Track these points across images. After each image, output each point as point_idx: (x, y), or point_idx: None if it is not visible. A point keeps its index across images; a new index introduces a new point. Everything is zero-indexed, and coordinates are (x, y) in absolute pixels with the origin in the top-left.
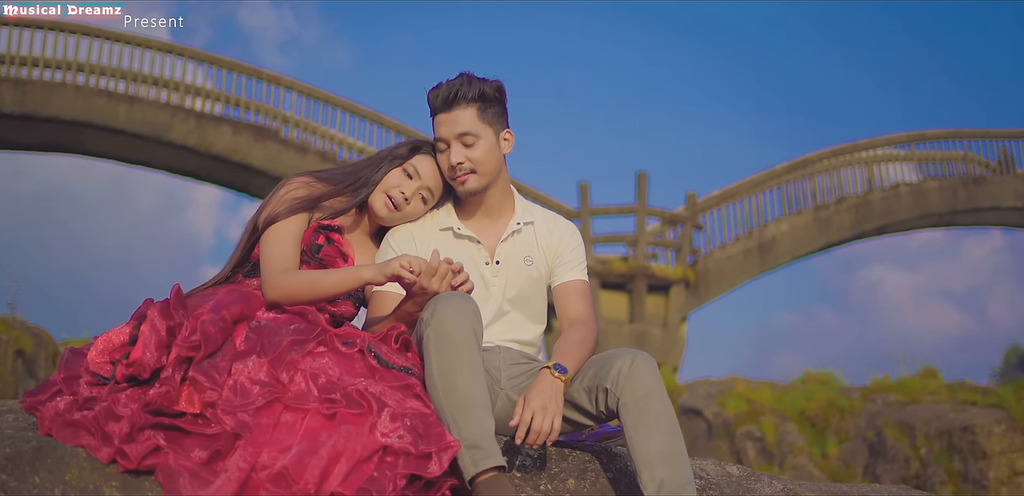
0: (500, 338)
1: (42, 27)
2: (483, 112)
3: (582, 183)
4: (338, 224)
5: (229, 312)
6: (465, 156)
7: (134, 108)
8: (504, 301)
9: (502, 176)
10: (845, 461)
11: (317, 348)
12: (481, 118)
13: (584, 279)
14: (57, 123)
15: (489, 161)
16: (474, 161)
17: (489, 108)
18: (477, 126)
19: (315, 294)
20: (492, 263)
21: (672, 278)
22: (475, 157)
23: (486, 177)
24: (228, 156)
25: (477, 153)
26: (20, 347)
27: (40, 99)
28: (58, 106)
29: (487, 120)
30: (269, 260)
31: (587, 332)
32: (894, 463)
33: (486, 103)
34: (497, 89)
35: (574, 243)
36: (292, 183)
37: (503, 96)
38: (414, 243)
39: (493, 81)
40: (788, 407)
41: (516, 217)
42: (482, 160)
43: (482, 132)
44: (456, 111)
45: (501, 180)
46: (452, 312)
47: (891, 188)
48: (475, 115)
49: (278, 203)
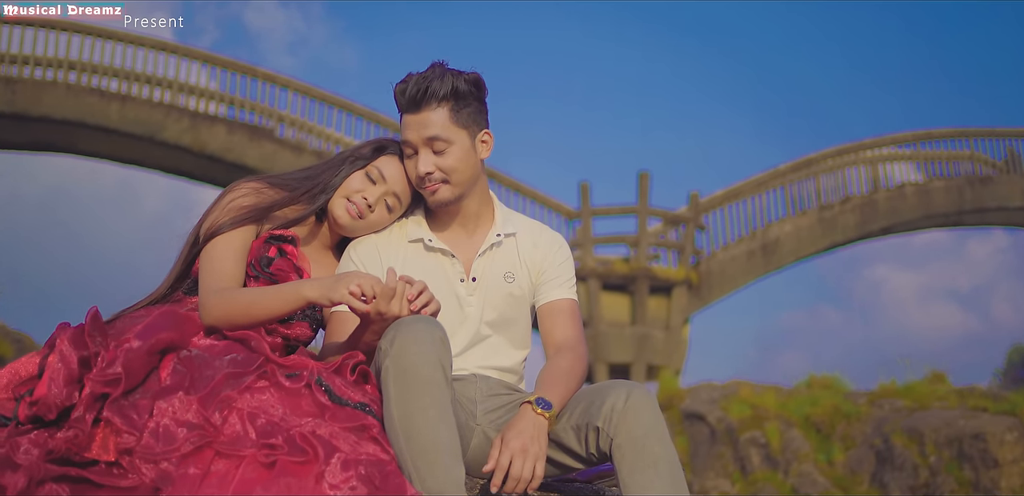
0: (477, 365)
1: (32, 24)
2: (456, 113)
3: (583, 183)
4: (292, 234)
5: (155, 340)
6: (435, 164)
7: (127, 107)
8: (482, 323)
9: (479, 183)
10: (852, 469)
11: (257, 382)
12: (454, 120)
13: (572, 298)
14: (48, 122)
15: (463, 169)
16: (445, 170)
17: (464, 108)
18: (449, 130)
19: (253, 316)
20: (468, 280)
21: (674, 279)
22: (447, 165)
23: (459, 186)
24: (223, 156)
25: (449, 161)
26: None
27: (31, 98)
28: (49, 105)
29: (461, 122)
30: (207, 278)
31: (575, 360)
32: (902, 471)
33: (460, 102)
34: (474, 83)
35: (561, 257)
36: (239, 189)
37: (481, 91)
38: (379, 256)
39: (469, 74)
40: (793, 412)
41: (496, 228)
42: (455, 168)
43: (455, 136)
44: (425, 112)
45: (478, 188)
46: (415, 340)
47: (896, 188)
48: (447, 117)
49: (222, 212)
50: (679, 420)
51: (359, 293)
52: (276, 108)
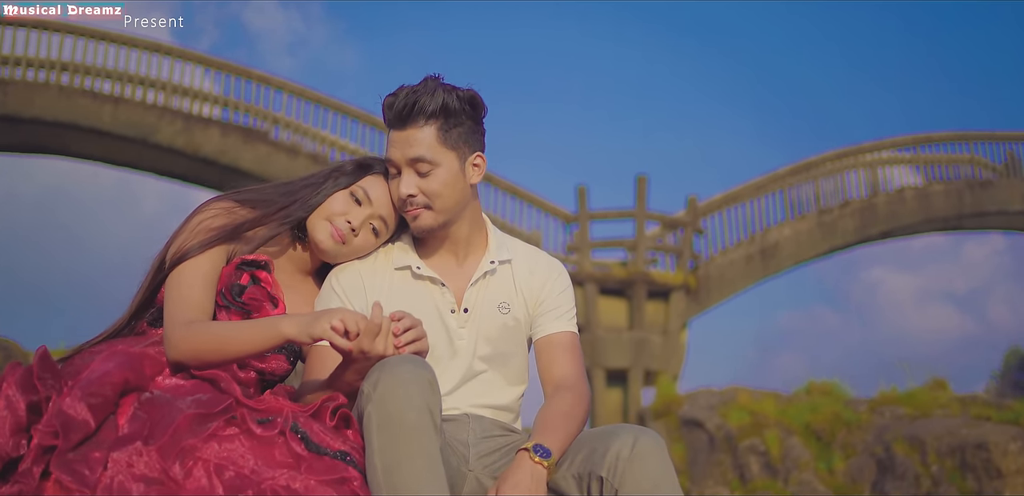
0: (469, 404)
1: (25, 25)
2: (445, 133)
3: (580, 186)
4: (265, 259)
5: (110, 381)
6: (418, 187)
7: (120, 109)
8: (475, 358)
9: (470, 209)
10: (852, 477)
11: (225, 429)
12: (442, 140)
13: (573, 331)
14: (40, 124)
15: (448, 195)
16: (428, 194)
17: (454, 127)
18: (435, 151)
19: (224, 353)
20: (459, 311)
21: (672, 284)
22: (430, 189)
23: (443, 214)
24: (216, 158)
25: (433, 185)
26: None
27: (22, 99)
28: (41, 106)
29: (450, 143)
30: (174, 308)
31: (575, 401)
32: (904, 480)
33: (450, 120)
34: (468, 101)
35: (560, 286)
36: (209, 210)
37: (477, 110)
38: (363, 285)
39: (465, 91)
40: (792, 420)
41: (489, 255)
42: (438, 193)
43: (441, 158)
44: (411, 130)
45: (468, 213)
46: (400, 383)
47: (896, 192)
48: (434, 136)
49: (190, 234)
50: (677, 427)
51: (342, 329)
52: (271, 110)
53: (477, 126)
